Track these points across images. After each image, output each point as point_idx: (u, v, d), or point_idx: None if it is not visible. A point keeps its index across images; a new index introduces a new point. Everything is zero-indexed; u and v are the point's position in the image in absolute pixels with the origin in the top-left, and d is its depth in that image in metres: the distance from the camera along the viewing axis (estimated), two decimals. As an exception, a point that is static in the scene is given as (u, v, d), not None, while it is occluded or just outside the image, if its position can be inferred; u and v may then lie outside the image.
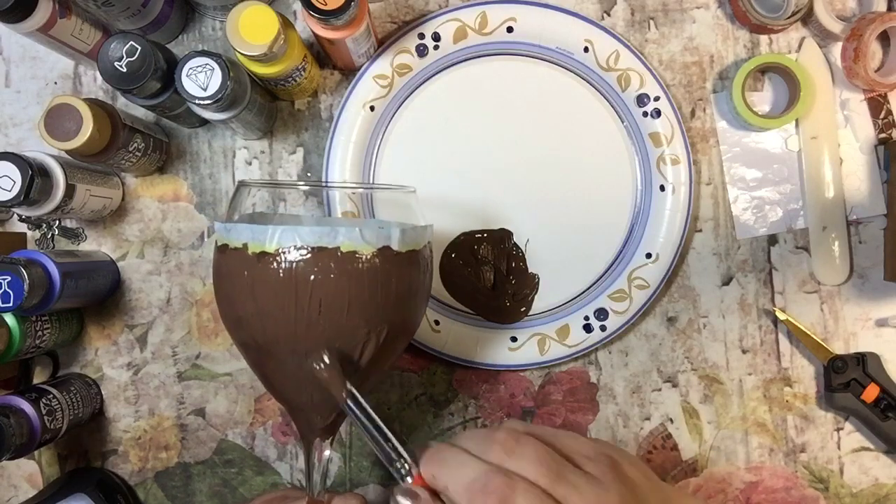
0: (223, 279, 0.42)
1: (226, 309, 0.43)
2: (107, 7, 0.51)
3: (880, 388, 0.57)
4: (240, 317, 0.42)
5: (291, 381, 0.42)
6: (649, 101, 0.58)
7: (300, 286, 0.39)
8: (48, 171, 0.51)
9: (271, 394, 0.45)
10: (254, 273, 0.40)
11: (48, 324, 0.54)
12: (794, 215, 0.60)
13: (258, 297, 0.40)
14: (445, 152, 0.59)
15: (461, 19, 0.57)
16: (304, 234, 0.39)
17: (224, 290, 0.43)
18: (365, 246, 0.40)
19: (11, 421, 0.49)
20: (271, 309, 0.40)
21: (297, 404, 0.43)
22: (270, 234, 0.40)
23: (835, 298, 0.60)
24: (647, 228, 0.58)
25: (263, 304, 0.40)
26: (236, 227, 0.41)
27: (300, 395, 0.42)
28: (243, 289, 0.41)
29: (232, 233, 0.41)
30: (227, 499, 0.60)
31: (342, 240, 0.40)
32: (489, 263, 0.59)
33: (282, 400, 0.44)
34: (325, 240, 0.39)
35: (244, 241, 0.40)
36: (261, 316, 0.41)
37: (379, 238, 0.41)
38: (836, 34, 0.58)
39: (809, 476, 0.60)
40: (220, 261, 0.43)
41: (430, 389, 0.60)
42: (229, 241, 0.41)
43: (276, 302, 0.40)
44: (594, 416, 0.60)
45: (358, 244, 0.40)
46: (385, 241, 0.41)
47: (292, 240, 0.39)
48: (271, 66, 0.51)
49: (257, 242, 0.40)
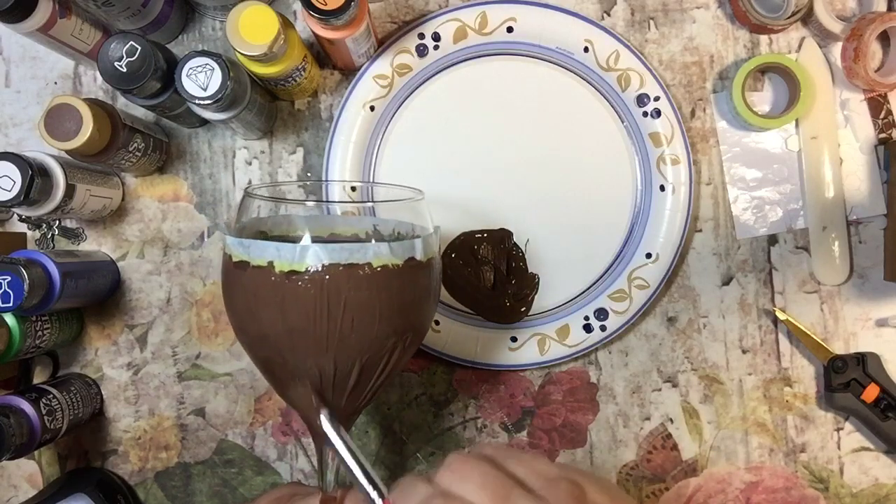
0: (245, 296, 0.41)
1: (248, 326, 0.42)
2: (107, 7, 0.51)
3: (880, 388, 0.57)
4: (266, 334, 0.41)
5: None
6: (649, 101, 0.58)
7: (332, 302, 0.39)
8: (48, 171, 0.51)
9: (285, 400, 0.45)
10: (283, 291, 0.39)
11: (48, 324, 0.54)
12: (794, 215, 0.60)
13: (288, 315, 0.40)
14: (445, 152, 0.59)
15: (461, 19, 0.58)
16: (335, 251, 0.39)
17: (246, 308, 0.42)
18: (394, 259, 0.40)
19: (11, 421, 0.49)
20: (303, 326, 0.40)
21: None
22: (300, 252, 0.39)
23: (835, 298, 0.60)
24: (647, 228, 0.58)
25: (294, 321, 0.40)
26: (257, 245, 0.40)
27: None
28: (271, 307, 0.40)
29: (253, 250, 0.40)
30: (227, 499, 0.60)
31: (372, 256, 0.40)
32: (489, 263, 0.59)
33: (297, 408, 0.44)
34: (355, 256, 0.39)
35: (269, 259, 0.40)
36: (290, 333, 0.40)
37: (405, 250, 0.41)
38: (836, 34, 0.58)
39: (809, 476, 0.60)
40: (240, 278, 0.41)
41: (430, 389, 0.60)
42: (250, 258, 0.40)
43: (307, 319, 0.39)
44: (594, 416, 0.60)
45: (386, 258, 0.40)
46: (410, 253, 0.41)
47: (322, 258, 0.39)
48: (271, 66, 0.51)
49: (285, 261, 0.39)
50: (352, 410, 0.44)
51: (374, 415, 0.60)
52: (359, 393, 0.43)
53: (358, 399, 0.43)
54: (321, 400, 0.42)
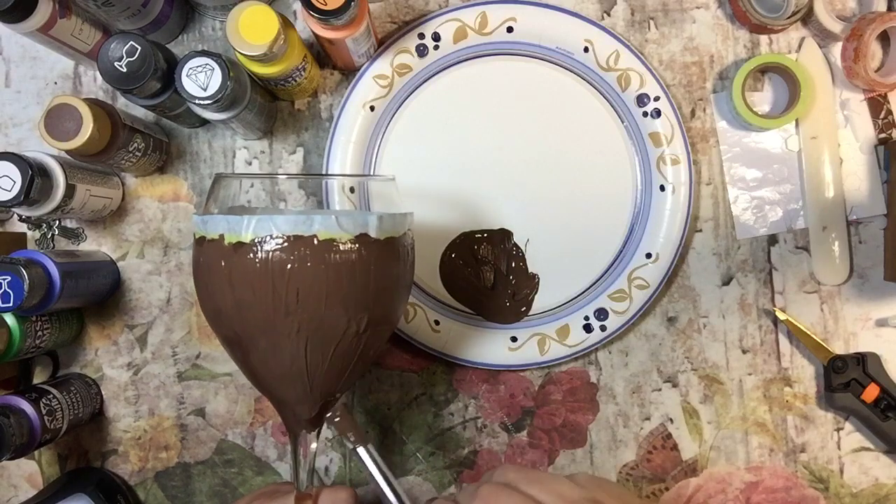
0: (201, 271, 0.42)
1: (205, 302, 0.43)
2: (107, 7, 0.51)
3: (880, 388, 0.57)
4: (219, 309, 0.41)
5: (275, 375, 0.42)
6: (649, 101, 0.58)
7: (277, 275, 0.39)
8: (48, 171, 0.51)
9: (256, 388, 0.45)
10: (231, 263, 0.40)
11: (48, 324, 0.54)
12: (794, 215, 0.60)
13: (236, 288, 0.40)
14: (445, 152, 0.59)
15: (461, 19, 0.58)
16: (280, 222, 0.39)
17: (202, 283, 0.42)
18: (341, 233, 0.40)
19: (11, 421, 0.49)
20: (249, 299, 0.40)
21: (282, 397, 0.43)
22: (246, 223, 0.39)
23: (835, 298, 0.60)
24: (647, 228, 0.58)
25: (241, 294, 0.40)
26: (213, 219, 0.41)
27: (284, 388, 0.42)
28: (221, 280, 0.40)
29: (209, 224, 0.41)
30: (227, 499, 0.60)
31: (318, 227, 0.39)
32: (489, 263, 0.59)
33: (267, 393, 0.44)
34: (300, 228, 0.39)
35: (220, 233, 0.40)
36: (239, 307, 0.40)
37: (356, 225, 0.40)
38: (836, 34, 0.58)
39: (809, 476, 0.60)
40: (198, 253, 0.42)
41: (430, 389, 0.60)
42: (206, 232, 0.41)
43: (253, 292, 0.39)
44: (594, 416, 0.60)
45: (334, 231, 0.39)
46: (362, 229, 0.40)
47: (268, 229, 0.39)
48: (271, 66, 0.51)
49: (233, 233, 0.39)
50: (319, 398, 0.43)
51: (374, 415, 0.60)
52: (321, 379, 0.42)
53: (324, 386, 0.42)
54: (283, 384, 0.42)
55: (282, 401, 0.43)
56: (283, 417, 0.44)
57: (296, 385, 0.42)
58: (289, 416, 0.44)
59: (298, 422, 0.43)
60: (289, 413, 0.43)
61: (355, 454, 0.49)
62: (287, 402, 0.43)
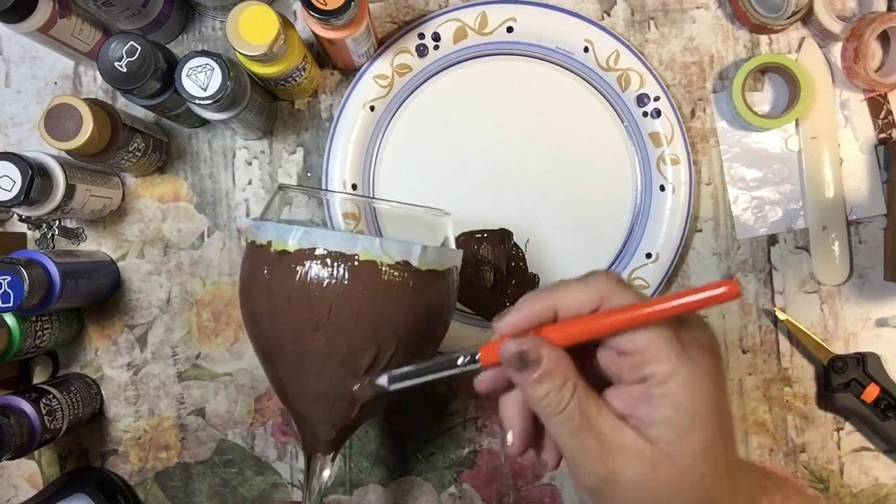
0: (246, 275, 0.43)
1: (244, 304, 0.44)
2: (107, 7, 0.51)
3: (880, 388, 0.57)
4: (256, 312, 0.42)
5: (298, 388, 0.42)
6: (649, 101, 0.58)
7: (313, 288, 0.40)
8: (48, 171, 0.51)
9: (282, 402, 0.45)
10: (273, 270, 0.41)
11: (48, 324, 0.54)
12: (794, 215, 0.60)
13: (273, 294, 0.41)
14: (445, 152, 0.59)
15: (461, 19, 0.57)
16: (326, 237, 0.40)
17: (245, 286, 0.43)
18: (383, 257, 0.40)
19: (11, 421, 0.49)
20: (283, 306, 0.40)
21: (304, 413, 0.43)
22: (294, 233, 0.40)
23: (835, 298, 0.60)
24: (647, 228, 0.58)
25: (277, 300, 0.41)
26: (265, 225, 0.42)
27: (306, 404, 0.43)
28: (261, 284, 0.41)
29: (260, 230, 0.42)
30: (227, 499, 0.60)
31: (361, 248, 0.40)
32: (489, 263, 0.59)
33: (291, 409, 0.44)
34: (344, 245, 0.40)
35: (269, 239, 0.41)
36: (273, 313, 0.41)
37: (399, 252, 0.40)
38: (836, 34, 0.58)
39: (809, 476, 0.59)
40: (247, 257, 0.44)
41: (431, 389, 0.60)
42: (256, 237, 0.42)
43: (289, 300, 0.40)
44: (594, 416, 0.60)
45: (376, 254, 0.40)
46: (405, 256, 0.41)
47: (313, 241, 0.40)
48: (271, 66, 0.51)
49: (280, 240, 0.40)
50: (339, 420, 0.42)
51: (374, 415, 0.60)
52: (342, 400, 0.41)
53: (344, 408, 0.42)
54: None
55: (303, 418, 0.43)
56: (302, 437, 0.45)
57: (318, 403, 0.42)
58: (308, 436, 0.44)
59: (317, 442, 0.43)
60: (309, 433, 0.44)
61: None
62: (308, 420, 0.43)
